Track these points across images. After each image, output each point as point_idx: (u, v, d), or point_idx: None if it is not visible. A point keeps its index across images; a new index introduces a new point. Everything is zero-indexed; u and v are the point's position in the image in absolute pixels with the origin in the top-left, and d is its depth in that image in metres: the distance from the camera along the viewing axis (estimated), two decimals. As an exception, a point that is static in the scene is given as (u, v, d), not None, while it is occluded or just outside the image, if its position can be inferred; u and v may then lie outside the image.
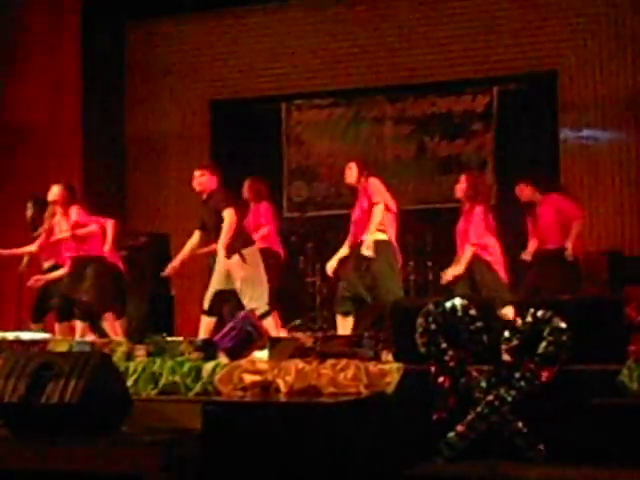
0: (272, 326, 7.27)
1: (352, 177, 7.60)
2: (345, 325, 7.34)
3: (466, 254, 7.52)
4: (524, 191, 8.15)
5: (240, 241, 7.46)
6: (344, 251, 7.61)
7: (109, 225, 8.11)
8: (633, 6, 9.96)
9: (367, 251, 7.26)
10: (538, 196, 8.09)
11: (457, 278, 7.49)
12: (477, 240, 7.53)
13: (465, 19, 10.46)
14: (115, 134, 11.34)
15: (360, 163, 7.66)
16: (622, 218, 9.85)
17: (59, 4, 10.75)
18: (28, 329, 8.07)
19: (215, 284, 7.53)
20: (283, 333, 7.38)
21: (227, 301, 7.69)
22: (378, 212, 7.34)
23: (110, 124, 11.19)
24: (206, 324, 7.45)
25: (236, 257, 7.36)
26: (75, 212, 8.09)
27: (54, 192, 8.15)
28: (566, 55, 10.27)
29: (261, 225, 8.61)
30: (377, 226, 7.35)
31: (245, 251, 7.41)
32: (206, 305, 7.53)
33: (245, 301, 7.37)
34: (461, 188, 7.73)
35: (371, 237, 7.30)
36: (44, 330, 8.14)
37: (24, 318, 8.69)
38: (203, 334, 7.26)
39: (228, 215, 7.38)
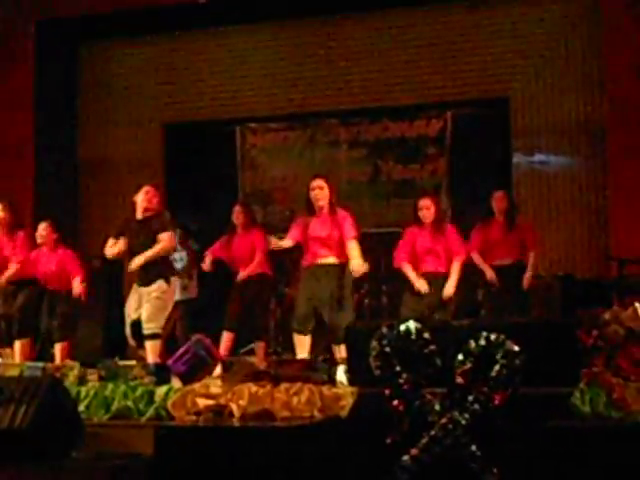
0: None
1: (325, 199, 7.38)
2: (302, 343, 7.26)
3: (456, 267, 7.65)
4: (504, 200, 8.26)
5: (169, 268, 7.48)
6: None
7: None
8: (582, 33, 10.11)
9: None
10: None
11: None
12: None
13: (419, 45, 10.55)
14: (67, 156, 11.24)
15: (332, 187, 7.47)
16: (573, 241, 9.94)
17: (12, 24, 10.69)
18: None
19: (133, 314, 7.39)
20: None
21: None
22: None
23: (63, 146, 11.11)
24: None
25: (161, 282, 7.29)
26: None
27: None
28: (518, 80, 10.38)
29: (254, 251, 8.45)
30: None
31: (173, 279, 7.43)
32: (132, 340, 7.43)
33: (144, 316, 7.23)
34: (431, 212, 7.75)
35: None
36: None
37: None
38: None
39: (169, 239, 7.36)
